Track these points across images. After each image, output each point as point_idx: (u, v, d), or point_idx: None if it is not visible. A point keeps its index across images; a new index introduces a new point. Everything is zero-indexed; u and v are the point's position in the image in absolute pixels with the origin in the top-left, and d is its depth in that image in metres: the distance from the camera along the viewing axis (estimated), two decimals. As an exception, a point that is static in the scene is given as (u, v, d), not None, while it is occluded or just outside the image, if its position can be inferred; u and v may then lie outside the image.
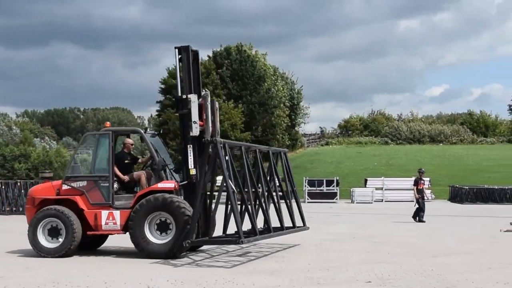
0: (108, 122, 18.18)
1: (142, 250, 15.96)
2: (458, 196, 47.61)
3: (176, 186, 16.31)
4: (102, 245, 18.37)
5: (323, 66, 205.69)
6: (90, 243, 17.65)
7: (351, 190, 47.67)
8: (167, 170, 16.73)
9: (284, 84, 74.40)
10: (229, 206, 16.23)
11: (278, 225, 18.09)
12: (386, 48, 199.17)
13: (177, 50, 16.98)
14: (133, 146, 17.76)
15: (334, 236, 21.26)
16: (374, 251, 17.31)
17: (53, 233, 16.40)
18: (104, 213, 16.38)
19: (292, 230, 18.66)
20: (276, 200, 18.22)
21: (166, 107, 62.27)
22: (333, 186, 47.26)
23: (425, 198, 28.84)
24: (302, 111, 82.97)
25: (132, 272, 13.87)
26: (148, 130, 18.00)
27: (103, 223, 16.39)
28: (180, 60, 16.94)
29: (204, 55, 68.66)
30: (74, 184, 16.63)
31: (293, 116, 78.01)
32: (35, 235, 16.39)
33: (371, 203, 45.94)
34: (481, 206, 41.18)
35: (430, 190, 47.45)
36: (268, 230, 17.17)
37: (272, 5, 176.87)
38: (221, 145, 15.76)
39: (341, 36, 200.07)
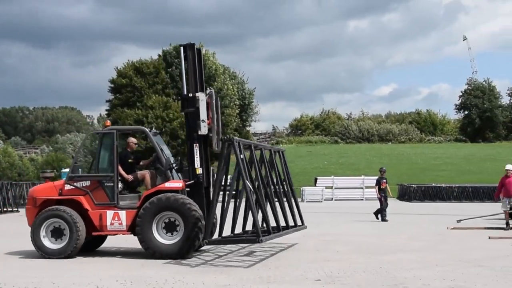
0: (108, 121, 17.72)
1: (150, 250, 15.70)
2: (406, 194, 48.18)
3: (183, 186, 16.17)
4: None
5: (274, 66, 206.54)
6: (88, 244, 17.02)
7: (301, 189, 47.80)
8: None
9: (235, 84, 74.42)
10: (235, 205, 16.26)
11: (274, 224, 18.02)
12: (335, 48, 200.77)
13: (182, 48, 16.79)
14: (136, 145, 17.53)
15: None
16: (324, 249, 17.42)
17: (56, 234, 16.02)
18: (110, 213, 16.05)
19: (295, 229, 18.41)
20: (281, 199, 18.05)
21: (115, 106, 61.79)
22: (284, 185, 47.39)
23: (388, 197, 28.74)
24: (252, 110, 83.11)
25: (82, 272, 13.76)
26: (153, 129, 17.74)
27: (108, 223, 16.06)
28: (185, 58, 16.69)
29: (153, 54, 68.39)
30: (78, 184, 16.27)
31: (244, 116, 78.07)
32: (38, 236, 16.01)
33: (321, 201, 46.21)
34: (429, 204, 41.73)
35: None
36: (278, 229, 16.94)
37: (223, 5, 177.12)
38: (237, 143, 15.72)
39: (291, 36, 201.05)
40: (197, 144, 16.33)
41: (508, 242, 18.56)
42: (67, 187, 16.31)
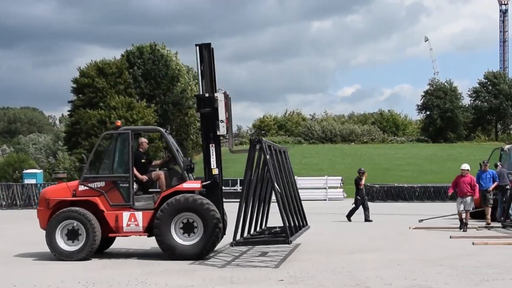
0: (119, 121, 17.35)
1: (169, 251, 15.59)
2: (369, 194, 48.29)
3: (201, 187, 16.07)
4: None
5: (237, 66, 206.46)
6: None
7: (265, 189, 47.80)
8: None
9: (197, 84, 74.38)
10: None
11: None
12: (299, 49, 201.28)
13: (198, 47, 16.62)
14: (148, 145, 17.20)
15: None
16: (287, 249, 17.46)
17: (72, 235, 15.74)
18: (126, 215, 15.85)
19: (304, 229, 18.20)
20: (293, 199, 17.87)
21: (78, 107, 61.35)
22: (247, 186, 47.39)
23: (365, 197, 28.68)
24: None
25: (44, 274, 13.65)
26: (168, 129, 17.58)
27: (124, 224, 15.86)
28: (201, 58, 16.54)
29: (116, 54, 68.04)
30: (92, 185, 16.05)
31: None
32: (53, 238, 15.68)
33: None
34: (391, 204, 42.04)
35: (342, 189, 48.17)
36: (295, 228, 16.83)
37: (185, 5, 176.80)
38: (265, 144, 15.71)
39: (254, 36, 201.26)
40: (213, 145, 16.28)
41: (469, 241, 18.77)
42: (81, 188, 16.04)
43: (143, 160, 16.82)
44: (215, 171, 16.25)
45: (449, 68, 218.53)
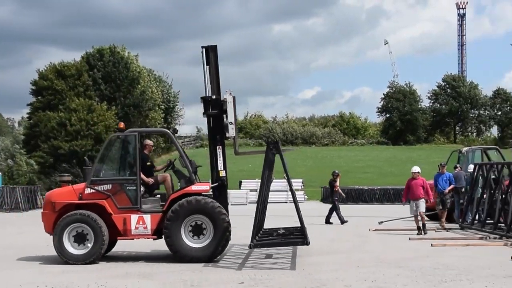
0: (122, 123, 17.13)
1: (179, 254, 15.51)
2: (329, 197, 48.60)
3: (210, 189, 16.06)
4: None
5: (198, 68, 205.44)
6: None
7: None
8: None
9: (159, 87, 74.05)
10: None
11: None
12: (260, 52, 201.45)
13: (204, 49, 16.59)
14: (153, 147, 17.02)
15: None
16: (245, 252, 17.47)
17: (79, 239, 15.55)
18: (134, 218, 15.73)
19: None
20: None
21: (37, 109, 60.69)
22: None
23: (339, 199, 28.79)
24: (176, 113, 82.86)
25: (3, 278, 13.51)
26: (175, 132, 17.41)
27: (132, 227, 15.74)
28: (207, 60, 16.52)
29: (76, 56, 67.50)
30: (99, 188, 15.86)
31: (169, 119, 77.76)
32: (61, 242, 15.47)
33: (246, 204, 46.27)
34: (351, 206, 42.25)
35: (303, 192, 48.30)
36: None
37: (147, 7, 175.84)
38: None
39: (216, 39, 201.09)
40: (220, 147, 16.32)
41: (428, 243, 18.96)
42: (88, 191, 15.83)
43: (148, 163, 16.77)
44: (222, 173, 16.31)
45: (409, 71, 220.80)
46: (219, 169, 16.25)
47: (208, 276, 13.43)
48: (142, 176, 16.11)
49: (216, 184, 16.21)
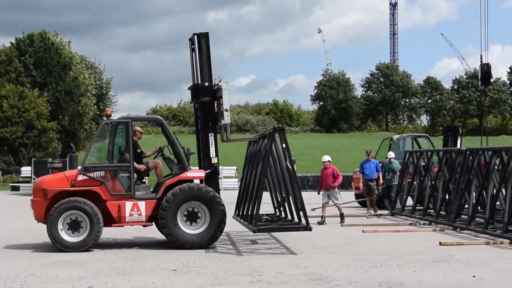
0: (109, 109, 16.90)
1: (178, 242, 15.48)
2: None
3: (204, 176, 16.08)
4: None
5: (133, 55, 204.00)
6: None
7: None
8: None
9: (91, 73, 73.17)
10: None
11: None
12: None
13: (196, 36, 16.63)
14: (142, 134, 16.89)
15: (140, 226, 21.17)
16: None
17: (74, 226, 15.33)
18: (128, 204, 15.63)
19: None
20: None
21: None
22: (142, 176, 46.94)
23: None
24: (110, 100, 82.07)
25: None
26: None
27: (127, 214, 15.64)
28: (198, 47, 16.55)
29: (5, 42, 66.13)
30: (92, 174, 15.62)
31: (101, 106, 76.99)
32: (56, 230, 15.21)
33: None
34: (285, 193, 42.47)
35: (237, 179, 48.39)
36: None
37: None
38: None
39: (150, 26, 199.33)
40: (212, 134, 16.34)
41: (359, 229, 19.22)
42: (81, 177, 15.63)
43: (138, 150, 16.61)
44: (215, 160, 16.36)
45: (342, 60, 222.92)
46: (211, 156, 16.32)
47: (142, 264, 13.38)
48: (134, 163, 16.04)
49: (209, 171, 16.27)
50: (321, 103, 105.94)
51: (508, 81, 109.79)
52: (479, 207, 19.70)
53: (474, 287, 10.91)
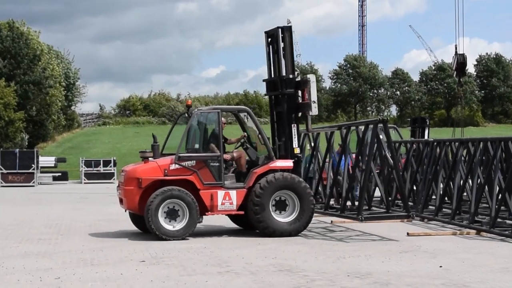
0: (189, 100, 16.94)
1: (270, 229, 15.85)
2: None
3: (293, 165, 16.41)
4: None
5: (102, 46, 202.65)
6: None
7: (128, 170, 47.37)
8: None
9: (60, 63, 72.56)
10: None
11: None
12: (164, 30, 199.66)
13: (280, 29, 16.88)
14: (225, 124, 16.99)
15: (110, 216, 21.14)
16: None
17: (172, 215, 15.57)
18: (221, 193, 15.91)
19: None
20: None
21: None
22: (110, 167, 46.83)
23: None
24: (78, 90, 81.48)
25: None
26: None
27: (219, 203, 15.91)
28: (282, 40, 16.84)
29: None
30: (185, 164, 15.79)
31: (70, 96, 76.42)
32: (157, 218, 15.39)
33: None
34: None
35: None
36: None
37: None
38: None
39: (120, 16, 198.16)
40: (295, 125, 16.65)
41: (328, 219, 19.28)
42: (173, 167, 15.75)
43: (222, 140, 16.65)
44: (297, 150, 16.62)
45: (311, 51, 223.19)
46: (294, 146, 16.58)
47: (110, 255, 13.34)
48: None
49: (293, 160, 16.52)
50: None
51: (474, 73, 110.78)
52: (446, 198, 19.87)
53: (441, 277, 11.01)
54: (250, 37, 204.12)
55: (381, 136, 17.51)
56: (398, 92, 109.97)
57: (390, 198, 22.42)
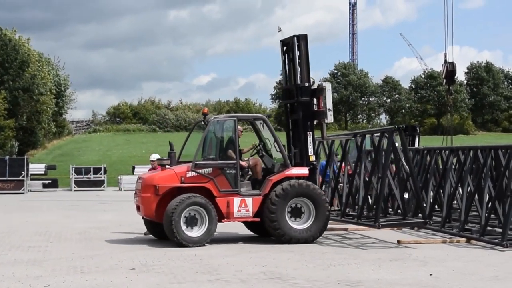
0: (206, 108, 17.60)
1: (286, 237, 16.00)
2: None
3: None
4: None
5: (93, 53, 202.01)
6: None
7: (119, 177, 47.30)
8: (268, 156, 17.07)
9: (51, 70, 72.37)
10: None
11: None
12: (155, 37, 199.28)
13: (295, 38, 17.06)
14: (242, 132, 17.06)
15: (100, 224, 21.12)
16: (136, 238, 17.38)
17: (191, 222, 15.75)
18: (237, 200, 16.10)
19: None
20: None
21: None
22: (101, 174, 46.69)
23: None
24: (68, 97, 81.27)
25: None
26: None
27: (235, 210, 16.10)
28: (298, 48, 17.04)
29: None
30: (201, 171, 15.95)
31: (61, 104, 76.20)
32: (179, 225, 15.53)
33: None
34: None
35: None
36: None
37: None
38: None
39: (111, 23, 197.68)
40: (310, 133, 16.87)
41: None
42: (190, 174, 15.90)
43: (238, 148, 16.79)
44: (313, 158, 16.87)
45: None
46: (310, 153, 16.76)
47: (100, 263, 13.31)
48: (239, 160, 16.42)
49: (308, 168, 16.66)
50: (281, 101, 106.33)
51: (465, 81, 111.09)
52: (436, 206, 19.91)
53: (431, 285, 11.03)
54: (242, 45, 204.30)
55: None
56: (388, 100, 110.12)
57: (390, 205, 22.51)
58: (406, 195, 19.74)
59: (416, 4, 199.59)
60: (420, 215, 17.43)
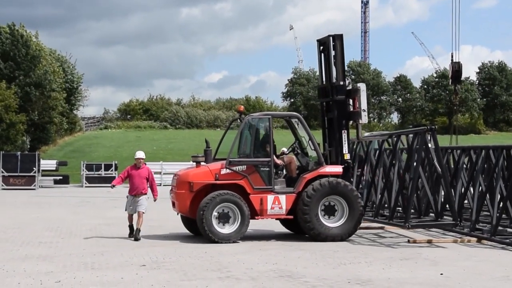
0: (241, 106, 17.83)
1: (322, 235, 16.11)
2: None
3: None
4: None
5: (104, 50, 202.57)
6: None
7: (130, 174, 47.28)
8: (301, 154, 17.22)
9: (61, 67, 72.47)
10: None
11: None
12: (167, 34, 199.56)
13: (331, 37, 17.24)
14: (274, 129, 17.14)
15: (111, 220, 21.18)
16: (146, 235, 17.38)
17: (223, 218, 15.92)
18: (270, 198, 16.20)
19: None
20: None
21: None
22: (112, 170, 46.80)
23: None
24: (80, 94, 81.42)
25: None
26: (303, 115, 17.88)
27: (269, 207, 16.20)
28: (333, 47, 17.17)
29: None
30: (236, 168, 16.11)
31: (72, 100, 76.34)
32: (211, 221, 15.74)
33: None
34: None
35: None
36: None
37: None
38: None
39: (122, 20, 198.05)
40: (345, 131, 17.00)
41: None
42: (224, 171, 16.06)
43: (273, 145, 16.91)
44: (347, 156, 16.94)
45: (314, 57, 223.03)
46: (344, 152, 16.84)
47: (110, 259, 13.33)
48: (274, 158, 16.48)
49: (343, 167, 16.72)
50: (292, 100, 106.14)
51: (476, 81, 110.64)
52: (447, 206, 19.81)
53: (441, 284, 11.00)
54: (253, 43, 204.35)
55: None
56: (400, 99, 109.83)
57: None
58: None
59: (428, 3, 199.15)
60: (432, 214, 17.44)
